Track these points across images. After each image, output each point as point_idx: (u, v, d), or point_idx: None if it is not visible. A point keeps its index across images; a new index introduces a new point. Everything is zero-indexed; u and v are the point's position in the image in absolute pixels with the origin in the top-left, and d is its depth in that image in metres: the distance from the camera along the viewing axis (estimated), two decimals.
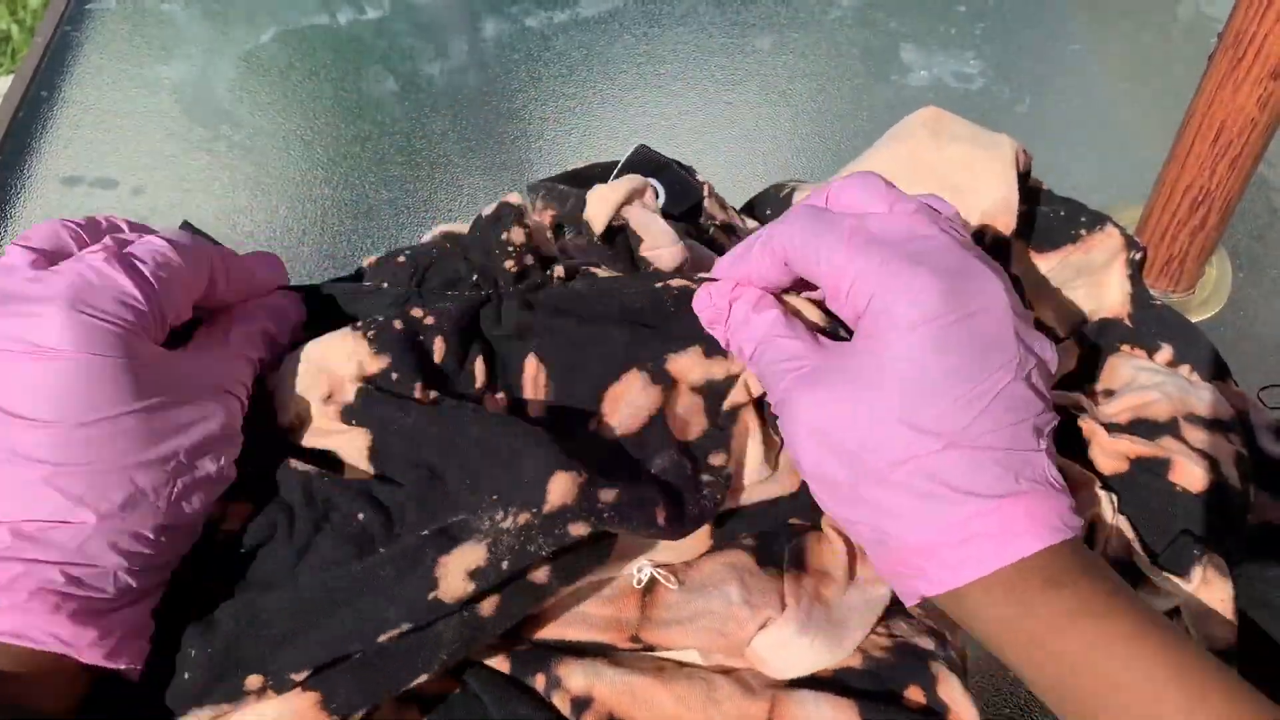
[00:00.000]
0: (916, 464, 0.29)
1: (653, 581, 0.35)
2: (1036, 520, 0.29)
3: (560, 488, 0.31)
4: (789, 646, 0.33)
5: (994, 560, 0.29)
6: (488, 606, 0.31)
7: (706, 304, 0.36)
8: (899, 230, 0.32)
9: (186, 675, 0.30)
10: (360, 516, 0.33)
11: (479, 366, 0.36)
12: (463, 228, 0.42)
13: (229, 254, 0.36)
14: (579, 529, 0.31)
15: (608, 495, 0.32)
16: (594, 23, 0.79)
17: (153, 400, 0.30)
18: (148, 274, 0.31)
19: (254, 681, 0.30)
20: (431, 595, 0.30)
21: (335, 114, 0.71)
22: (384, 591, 0.30)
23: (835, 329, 0.35)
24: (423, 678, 0.31)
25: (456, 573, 0.30)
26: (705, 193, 0.46)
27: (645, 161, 0.47)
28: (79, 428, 0.28)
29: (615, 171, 0.47)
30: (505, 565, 0.31)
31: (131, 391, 0.29)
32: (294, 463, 0.34)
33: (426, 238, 0.43)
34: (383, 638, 0.30)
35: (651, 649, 0.34)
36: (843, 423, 0.30)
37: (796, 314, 0.35)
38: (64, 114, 0.70)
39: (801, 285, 0.36)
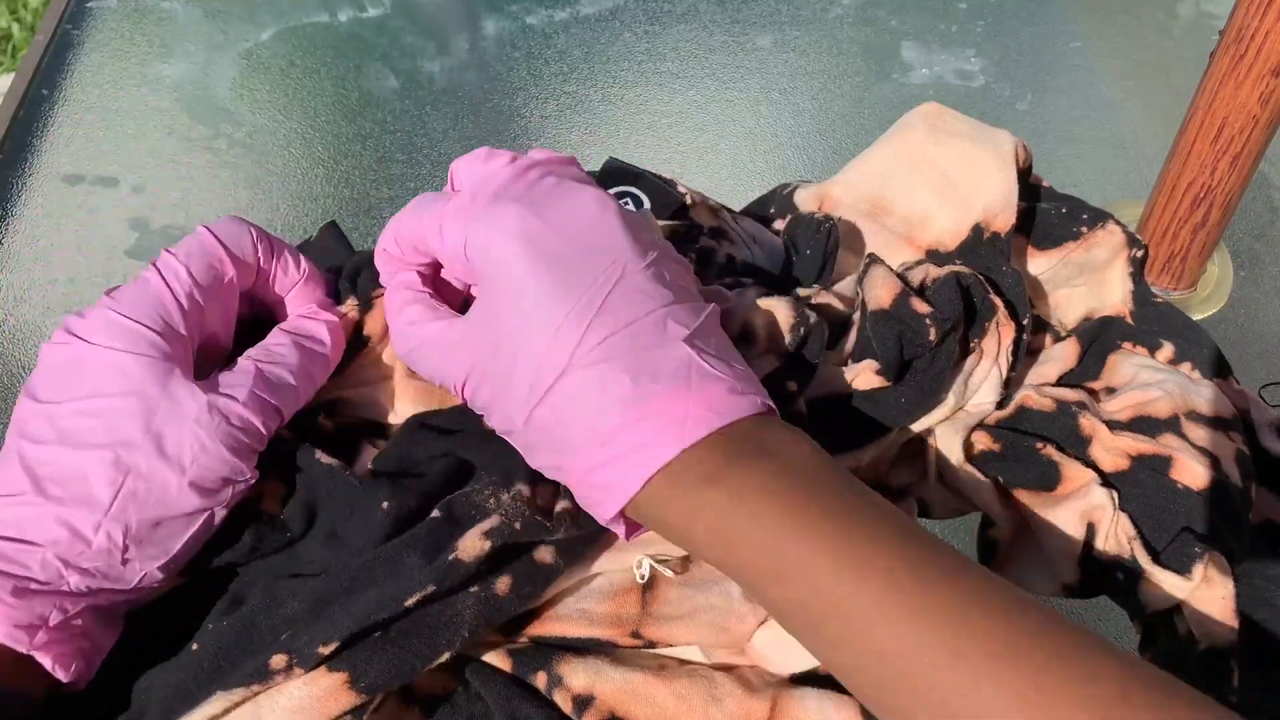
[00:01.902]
0: (550, 397, 0.29)
1: (654, 578, 0.35)
2: (671, 422, 0.28)
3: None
4: (790, 641, 0.33)
5: (636, 474, 0.28)
6: (502, 585, 0.32)
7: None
8: (485, 182, 0.32)
9: (205, 651, 0.30)
10: (384, 505, 0.33)
11: None
12: None
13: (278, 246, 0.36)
14: (564, 504, 0.32)
15: None
16: (595, 21, 0.79)
17: (149, 396, 0.31)
18: (182, 282, 0.33)
19: (279, 661, 0.30)
20: (452, 556, 0.30)
21: (336, 112, 0.71)
22: (405, 560, 0.31)
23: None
24: (445, 656, 0.31)
25: (473, 533, 0.31)
26: (689, 201, 0.46)
27: (620, 173, 0.47)
28: (57, 405, 0.30)
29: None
30: (518, 525, 0.31)
31: (120, 383, 0.30)
32: (320, 455, 0.34)
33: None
34: (409, 601, 0.30)
35: (653, 645, 0.34)
36: (489, 378, 0.31)
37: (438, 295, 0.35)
38: (65, 112, 0.70)
39: None
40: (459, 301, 0.36)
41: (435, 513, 0.32)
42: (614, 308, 0.29)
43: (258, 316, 0.37)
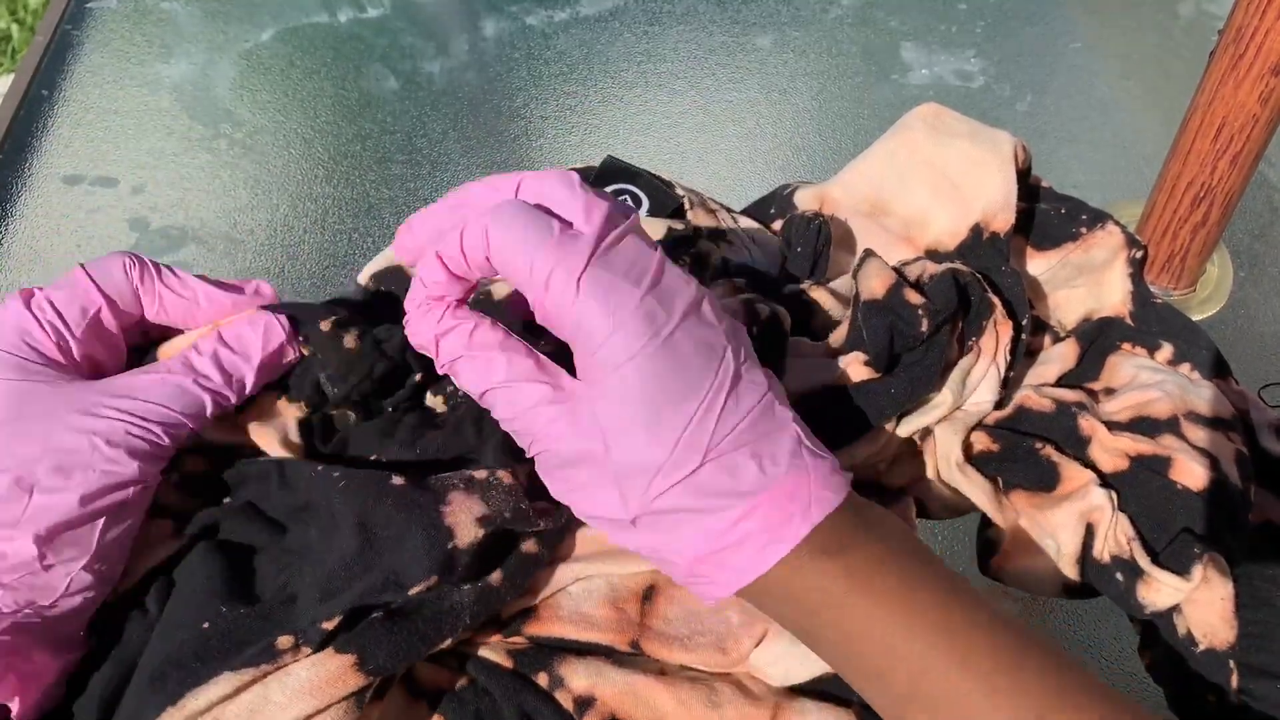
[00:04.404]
0: (678, 488, 0.29)
1: (653, 589, 0.35)
2: (797, 502, 0.29)
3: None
4: (786, 658, 0.34)
5: (767, 556, 0.29)
6: (496, 578, 0.33)
7: (416, 328, 0.33)
8: (593, 244, 0.30)
9: (208, 627, 0.31)
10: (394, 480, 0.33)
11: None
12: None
13: (171, 281, 0.36)
14: (545, 503, 0.33)
15: None
16: (594, 21, 0.79)
17: (34, 411, 0.31)
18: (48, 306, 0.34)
19: (285, 641, 0.30)
20: (450, 545, 0.31)
21: (336, 112, 0.71)
22: (408, 549, 0.31)
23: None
24: (448, 641, 0.32)
25: (466, 521, 0.32)
26: (688, 204, 0.46)
27: (618, 171, 0.47)
28: None
29: (590, 182, 0.47)
30: (508, 514, 0.32)
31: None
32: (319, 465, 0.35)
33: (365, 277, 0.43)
34: (414, 590, 0.31)
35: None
36: (601, 469, 0.30)
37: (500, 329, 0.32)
38: (64, 113, 0.70)
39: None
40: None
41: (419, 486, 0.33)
42: (737, 396, 0.30)
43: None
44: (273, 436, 0.36)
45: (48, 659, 0.31)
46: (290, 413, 0.37)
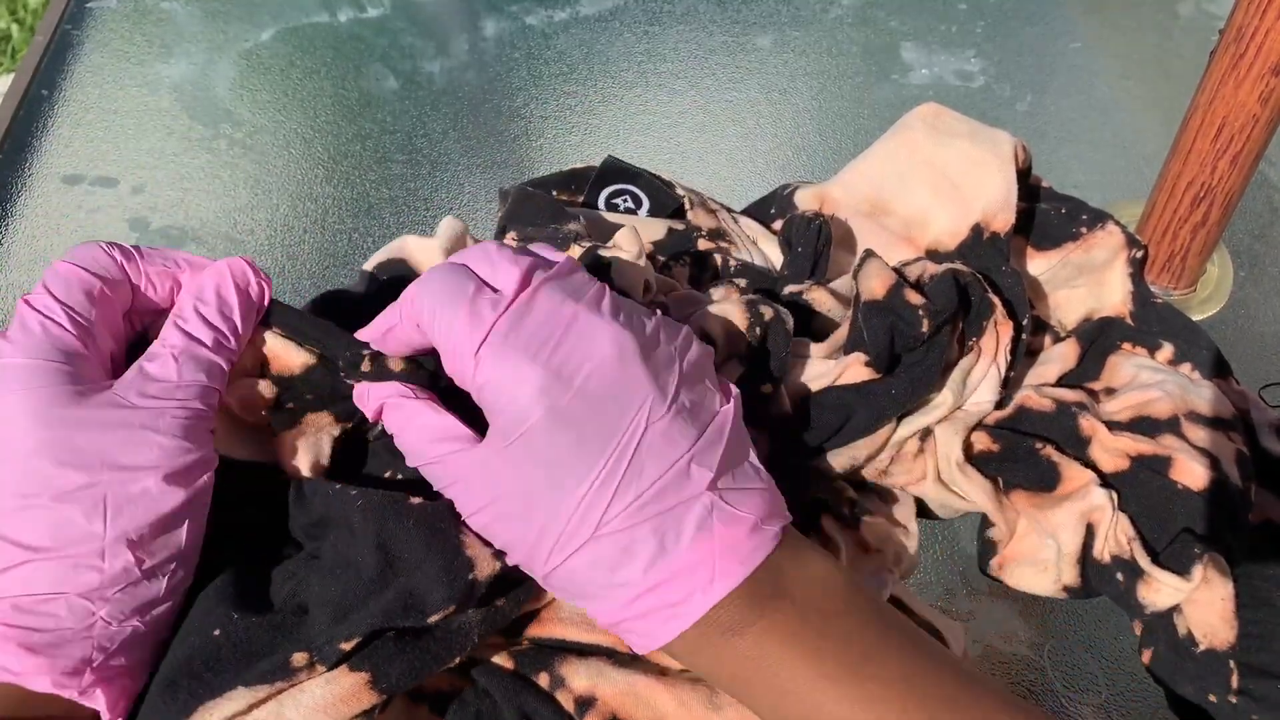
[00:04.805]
0: (574, 560, 0.29)
1: None
2: (698, 578, 0.29)
3: None
4: None
5: (666, 633, 0.30)
6: (501, 601, 0.33)
7: (363, 403, 0.35)
8: (500, 309, 0.31)
9: (219, 635, 0.30)
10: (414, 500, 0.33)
11: None
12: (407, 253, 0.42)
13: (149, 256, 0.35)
14: None
15: None
16: (594, 21, 0.79)
17: (79, 425, 0.30)
18: (57, 306, 0.32)
19: (300, 658, 0.30)
20: (470, 576, 0.31)
21: (336, 112, 0.71)
22: (428, 576, 0.31)
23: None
24: (456, 660, 0.32)
25: (485, 552, 0.31)
26: (688, 204, 0.46)
27: (619, 171, 0.47)
28: (12, 462, 0.29)
29: (591, 182, 0.47)
30: None
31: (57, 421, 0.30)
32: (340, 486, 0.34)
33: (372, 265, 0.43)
34: (433, 618, 0.31)
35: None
36: (507, 522, 0.30)
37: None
38: (64, 112, 0.70)
39: None
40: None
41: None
42: (639, 467, 0.29)
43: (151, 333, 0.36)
44: (305, 458, 0.35)
45: (145, 668, 0.31)
46: (325, 424, 0.36)
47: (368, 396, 0.34)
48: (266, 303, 0.35)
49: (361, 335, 0.35)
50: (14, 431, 0.30)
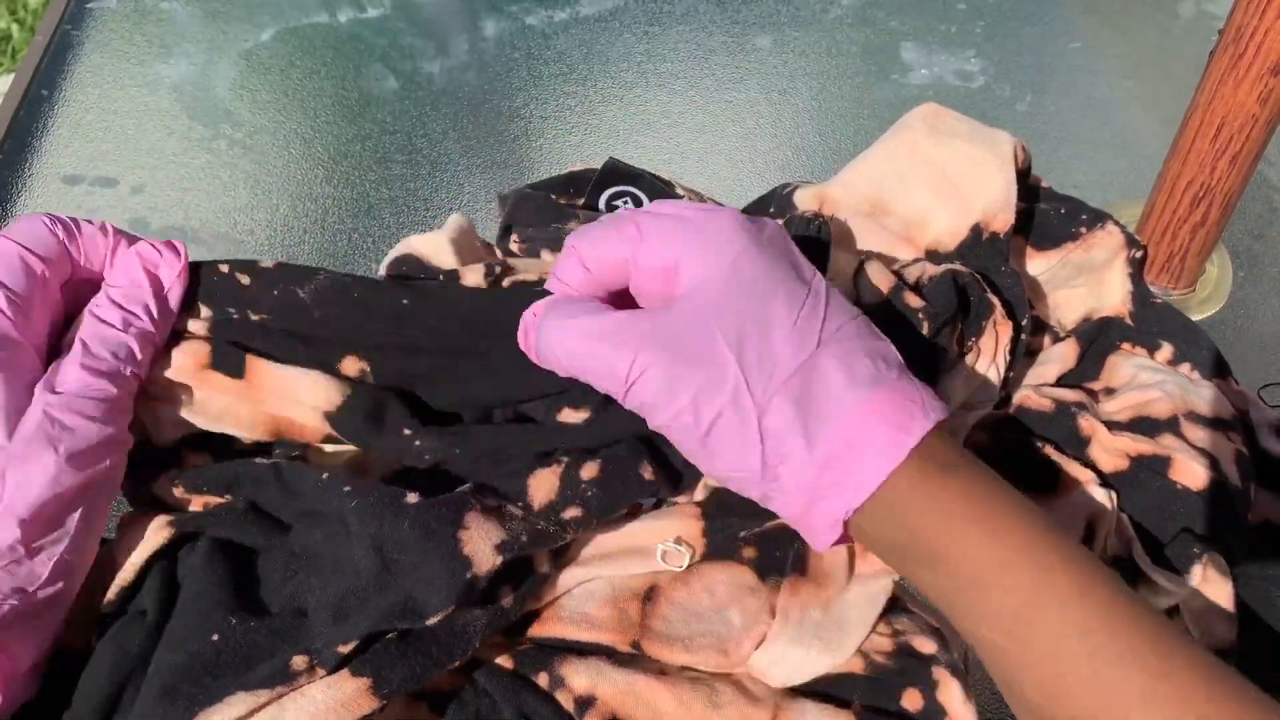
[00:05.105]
0: (797, 377, 0.29)
1: (654, 590, 0.35)
2: (916, 402, 0.29)
3: (543, 485, 0.33)
4: (786, 659, 0.34)
5: (894, 450, 0.29)
6: (507, 601, 0.33)
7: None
8: (663, 206, 0.33)
9: (218, 640, 0.30)
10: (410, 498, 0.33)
11: None
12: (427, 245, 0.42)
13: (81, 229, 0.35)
14: (573, 512, 0.33)
15: (590, 470, 0.33)
16: (594, 21, 0.79)
17: None
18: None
19: (300, 662, 0.30)
20: (469, 574, 0.31)
21: (336, 112, 0.71)
22: (426, 578, 0.31)
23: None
24: (458, 662, 0.32)
25: (485, 549, 0.31)
26: None
27: (620, 173, 0.47)
28: None
29: (592, 183, 0.47)
30: (525, 539, 0.32)
31: None
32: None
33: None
34: (432, 620, 0.31)
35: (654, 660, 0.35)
36: (714, 371, 0.30)
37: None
38: (64, 113, 0.70)
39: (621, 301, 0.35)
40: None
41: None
42: (835, 307, 0.31)
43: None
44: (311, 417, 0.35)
45: (26, 648, 0.31)
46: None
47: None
48: (182, 274, 0.35)
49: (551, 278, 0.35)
50: None
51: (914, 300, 0.38)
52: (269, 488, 0.34)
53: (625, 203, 0.46)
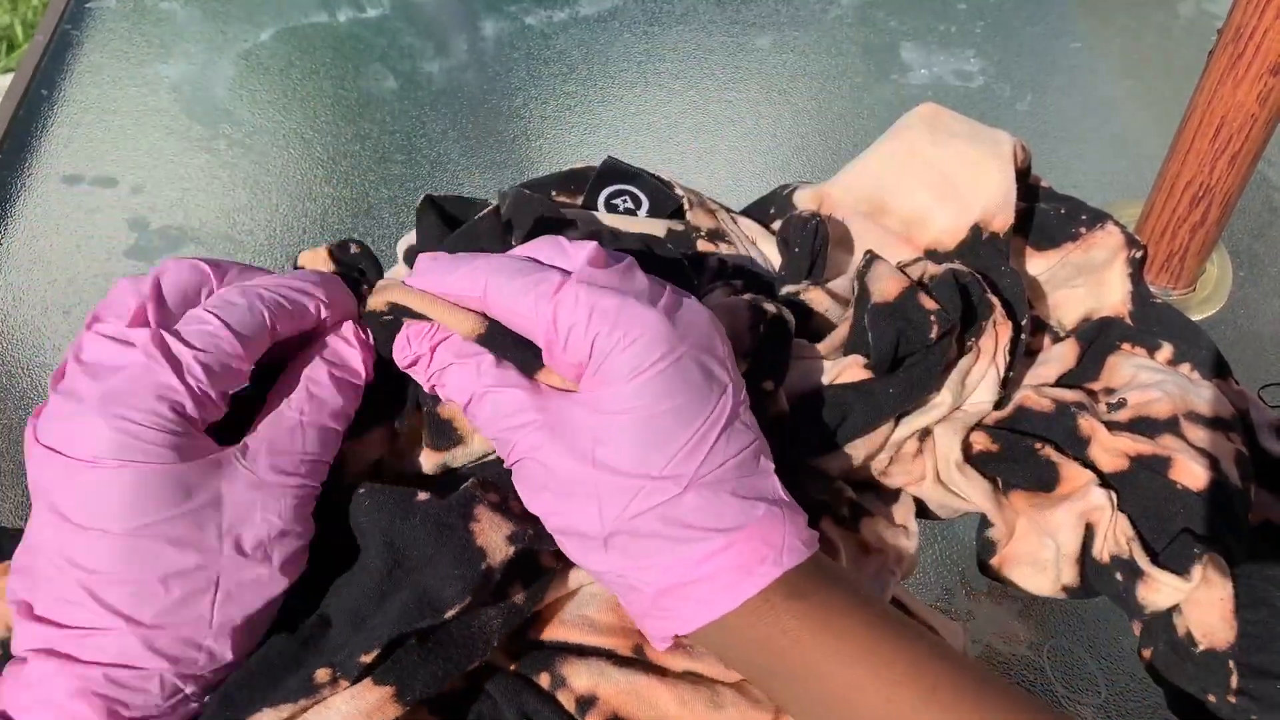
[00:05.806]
0: (658, 510, 0.29)
1: None
2: (774, 545, 0.30)
3: None
4: None
5: (737, 593, 0.29)
6: (520, 598, 0.33)
7: (404, 349, 0.33)
8: (601, 274, 0.31)
9: (251, 663, 0.30)
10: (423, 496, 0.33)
11: None
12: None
13: (283, 288, 0.33)
14: None
15: None
16: (594, 21, 0.79)
17: (201, 500, 0.29)
18: (194, 360, 0.29)
19: (324, 674, 0.30)
20: (484, 565, 0.31)
21: (335, 112, 0.71)
22: (440, 572, 0.31)
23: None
24: (478, 662, 0.32)
25: (497, 539, 0.31)
26: (687, 205, 0.46)
27: (618, 172, 0.47)
28: (121, 536, 0.28)
29: (590, 183, 0.47)
30: (531, 531, 0.32)
31: (175, 496, 0.28)
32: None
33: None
34: (449, 613, 0.31)
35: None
36: (583, 481, 0.30)
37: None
38: (64, 112, 0.70)
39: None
40: None
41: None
42: (727, 438, 0.30)
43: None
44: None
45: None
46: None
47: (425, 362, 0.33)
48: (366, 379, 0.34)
49: (416, 271, 0.34)
50: (120, 496, 0.28)
51: (928, 302, 0.39)
52: None
53: (624, 201, 0.46)
